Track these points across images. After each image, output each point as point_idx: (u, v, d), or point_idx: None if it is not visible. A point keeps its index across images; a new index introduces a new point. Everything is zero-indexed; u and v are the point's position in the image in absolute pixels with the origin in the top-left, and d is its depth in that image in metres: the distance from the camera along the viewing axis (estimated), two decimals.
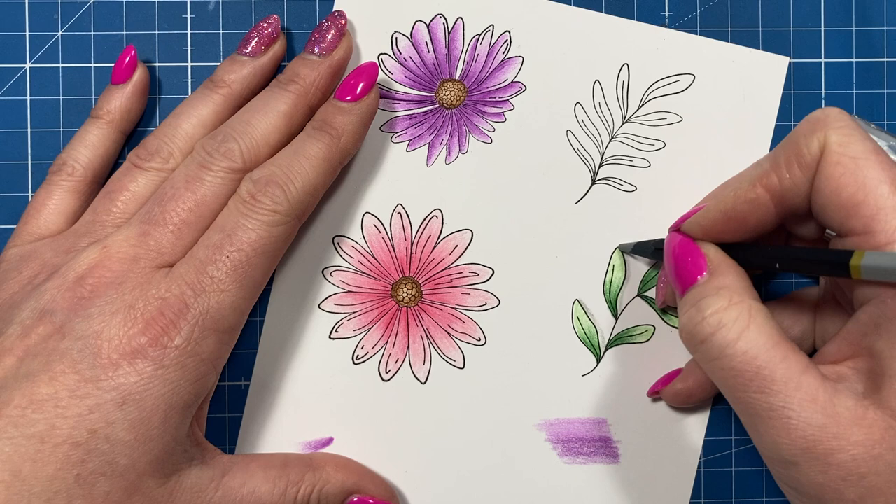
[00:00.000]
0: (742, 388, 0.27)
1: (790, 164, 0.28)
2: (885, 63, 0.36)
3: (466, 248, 0.36)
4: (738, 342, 0.27)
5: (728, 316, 0.28)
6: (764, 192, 0.29)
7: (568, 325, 0.36)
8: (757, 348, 0.27)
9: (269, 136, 0.32)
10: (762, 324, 0.27)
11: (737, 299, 0.28)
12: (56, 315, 0.29)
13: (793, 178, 0.28)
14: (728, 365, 0.27)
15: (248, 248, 0.30)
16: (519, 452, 0.36)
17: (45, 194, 0.33)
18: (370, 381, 0.36)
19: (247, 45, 0.34)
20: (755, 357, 0.27)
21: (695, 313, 0.29)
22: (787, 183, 0.28)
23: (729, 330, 0.27)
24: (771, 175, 0.29)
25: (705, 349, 0.28)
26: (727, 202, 0.30)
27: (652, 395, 0.35)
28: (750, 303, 0.28)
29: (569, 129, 0.36)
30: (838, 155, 0.27)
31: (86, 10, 0.36)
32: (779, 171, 0.29)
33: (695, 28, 0.36)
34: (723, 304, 0.28)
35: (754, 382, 0.27)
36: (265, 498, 0.31)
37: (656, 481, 0.36)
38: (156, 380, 0.28)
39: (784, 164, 0.28)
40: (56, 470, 0.27)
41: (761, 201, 0.29)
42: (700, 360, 0.29)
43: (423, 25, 0.36)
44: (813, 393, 0.26)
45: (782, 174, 0.28)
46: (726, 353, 0.27)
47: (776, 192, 0.29)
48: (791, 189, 0.28)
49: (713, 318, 0.28)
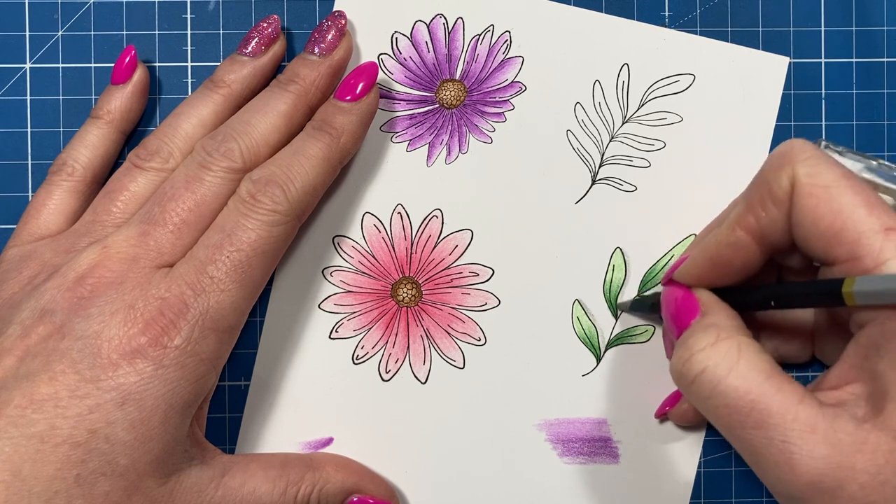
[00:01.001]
0: (739, 426, 0.27)
1: (764, 202, 0.28)
2: (885, 63, 0.36)
3: (466, 248, 0.36)
4: (728, 378, 0.27)
5: (716, 352, 0.27)
6: (744, 233, 0.29)
7: (568, 325, 0.36)
8: (749, 382, 0.26)
9: (269, 136, 0.32)
10: (752, 358, 0.27)
11: (725, 335, 0.28)
12: (56, 315, 0.29)
13: (769, 216, 0.28)
14: (721, 402, 0.27)
15: (248, 248, 0.30)
16: (519, 452, 0.36)
17: (45, 194, 0.33)
18: (370, 381, 0.36)
19: (247, 45, 0.34)
20: (748, 391, 0.26)
21: (683, 352, 0.28)
22: (765, 221, 0.28)
23: (718, 365, 0.27)
24: (748, 216, 0.29)
25: (696, 388, 0.28)
26: (710, 248, 0.30)
27: (660, 416, 0.35)
28: (739, 338, 0.28)
29: (569, 129, 0.36)
30: (809, 186, 0.27)
31: (86, 10, 0.36)
32: (754, 211, 0.28)
33: (695, 28, 0.36)
34: (710, 340, 0.28)
35: (750, 418, 0.26)
36: (265, 498, 0.31)
37: (656, 481, 0.36)
38: (156, 380, 0.28)
39: (758, 203, 0.28)
40: (56, 470, 0.27)
41: (743, 243, 0.29)
42: (693, 401, 0.28)
43: (423, 25, 0.36)
44: (812, 422, 0.26)
45: (758, 213, 0.28)
46: (718, 389, 0.27)
47: (756, 232, 0.29)
48: (769, 227, 0.28)
49: (701, 355, 0.27)
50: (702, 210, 0.36)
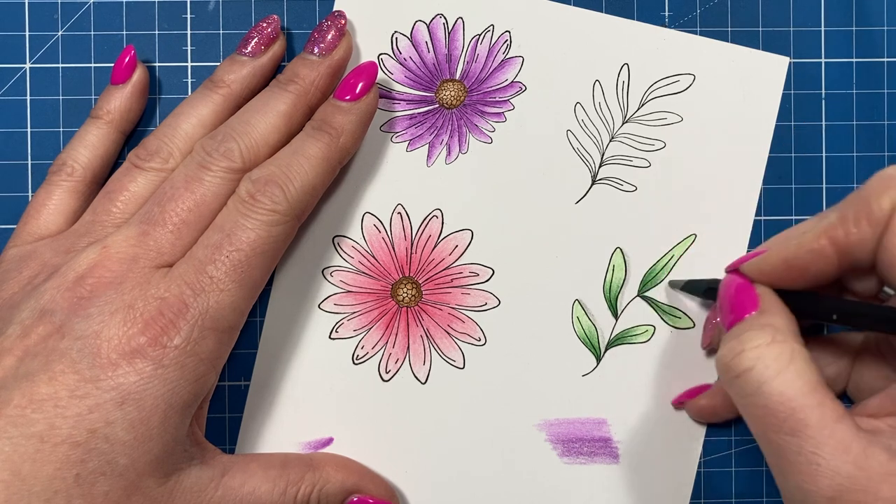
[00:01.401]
0: (774, 429, 0.27)
1: (859, 219, 0.28)
2: (885, 63, 0.36)
3: (466, 248, 0.36)
4: (774, 381, 0.27)
5: (769, 353, 0.27)
6: (829, 244, 0.29)
7: (568, 325, 0.36)
8: (794, 390, 0.27)
9: (269, 136, 0.32)
10: (802, 367, 0.27)
11: (780, 338, 0.28)
12: (56, 315, 0.29)
13: (860, 234, 0.28)
14: (762, 402, 0.27)
15: (248, 248, 0.30)
16: (519, 452, 0.36)
17: (45, 194, 0.33)
18: (370, 381, 0.36)
19: (246, 45, 0.34)
20: (791, 399, 0.27)
21: (735, 345, 0.28)
22: (854, 238, 0.28)
23: (767, 367, 0.27)
24: (838, 228, 0.29)
25: (741, 383, 0.28)
26: (790, 250, 0.30)
27: (676, 404, 0.35)
28: (793, 345, 0.28)
29: (569, 129, 0.36)
30: None
31: (86, 10, 0.36)
32: (846, 226, 0.28)
33: (695, 28, 0.36)
34: (765, 340, 0.28)
35: (787, 424, 0.26)
36: (265, 497, 0.31)
37: (656, 481, 0.36)
38: (155, 379, 0.28)
39: (852, 218, 0.28)
40: (56, 469, 0.27)
41: (825, 252, 0.29)
42: (734, 394, 0.29)
43: (423, 25, 0.36)
44: (847, 443, 0.26)
45: (849, 229, 0.28)
46: (762, 390, 0.27)
47: (842, 246, 0.29)
48: (857, 245, 0.28)
49: (753, 353, 0.28)
50: (702, 210, 0.36)
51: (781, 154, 0.36)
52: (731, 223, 0.36)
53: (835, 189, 0.36)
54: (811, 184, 0.36)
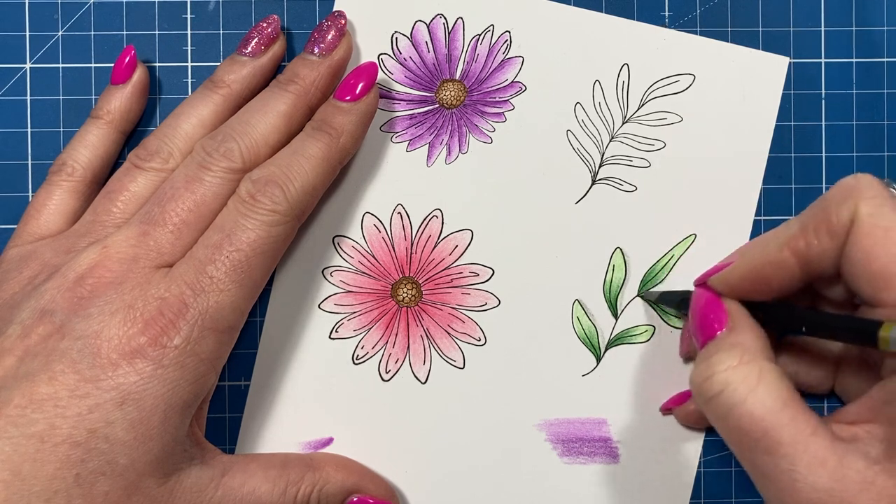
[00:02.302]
0: (749, 449, 0.27)
1: (819, 230, 0.28)
2: (885, 63, 0.36)
3: (466, 248, 0.36)
4: (744, 403, 0.27)
5: (737, 375, 0.27)
6: (790, 255, 0.29)
7: (568, 325, 0.36)
8: (764, 410, 0.27)
9: (269, 136, 0.32)
10: (771, 384, 0.27)
11: (747, 358, 0.28)
12: (56, 315, 0.29)
13: (821, 245, 0.28)
14: (735, 425, 0.27)
15: (248, 248, 0.30)
16: (519, 452, 0.36)
17: (45, 194, 0.33)
18: (370, 381, 0.36)
19: (247, 45, 0.34)
20: (762, 419, 0.27)
21: (704, 368, 0.28)
22: (816, 249, 0.28)
23: (736, 390, 0.27)
24: (799, 239, 0.29)
25: (713, 406, 0.28)
26: (754, 262, 0.30)
27: (664, 411, 0.35)
28: (761, 363, 0.28)
29: (569, 129, 0.36)
30: (869, 225, 0.27)
31: (86, 10, 0.36)
32: (807, 237, 0.28)
33: (695, 28, 0.36)
34: (733, 362, 0.28)
35: (761, 443, 0.27)
36: (265, 498, 0.31)
37: (656, 481, 0.36)
38: (155, 379, 0.28)
39: (813, 229, 0.28)
40: (56, 469, 0.27)
41: (787, 264, 0.29)
42: (708, 416, 0.29)
43: (423, 25, 0.36)
44: (822, 456, 0.26)
45: (810, 240, 0.28)
46: (733, 412, 0.27)
47: (803, 257, 0.29)
48: (819, 255, 0.28)
49: (721, 376, 0.28)
50: (702, 210, 0.36)
51: (781, 154, 0.36)
52: (731, 223, 0.36)
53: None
54: (811, 184, 0.36)
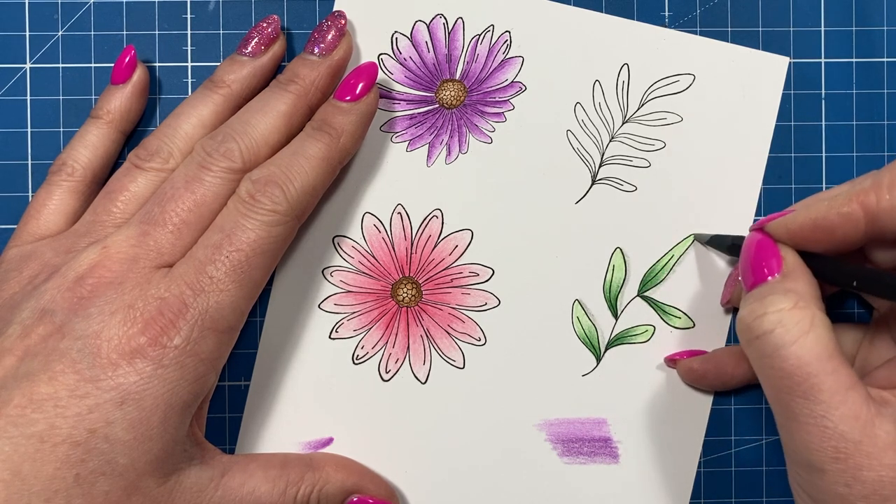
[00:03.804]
0: (787, 391, 0.27)
1: (893, 186, 0.28)
2: (885, 63, 0.36)
3: (466, 248, 0.36)
4: (793, 345, 0.27)
5: (791, 317, 0.28)
6: (859, 208, 0.29)
7: (568, 325, 0.36)
8: (811, 356, 0.27)
9: (269, 136, 0.32)
10: (821, 334, 0.27)
11: (802, 304, 0.28)
12: (56, 315, 0.29)
13: (892, 201, 0.28)
14: (779, 365, 0.27)
15: (248, 248, 0.30)
16: (519, 452, 0.36)
17: (45, 194, 0.33)
18: (370, 381, 0.36)
19: (247, 45, 0.34)
20: (807, 364, 0.27)
21: (757, 307, 0.28)
22: (885, 205, 0.28)
23: (787, 331, 0.27)
24: (870, 193, 0.28)
25: (759, 344, 0.28)
26: (819, 211, 0.29)
27: (668, 361, 0.36)
28: (814, 311, 0.28)
29: (569, 129, 0.36)
30: None
31: (86, 10, 0.36)
32: (879, 192, 0.28)
33: (695, 28, 0.36)
34: (788, 304, 0.28)
35: (801, 387, 0.27)
36: (265, 498, 0.31)
37: (656, 481, 0.36)
38: (155, 379, 0.28)
39: (886, 185, 0.28)
40: (55, 469, 0.27)
41: (854, 216, 0.29)
42: (751, 355, 0.29)
43: (423, 25, 0.36)
44: (856, 410, 0.26)
45: (882, 195, 0.28)
46: (780, 353, 0.27)
47: (871, 212, 0.28)
48: (887, 212, 0.28)
49: (775, 316, 0.28)
50: (702, 210, 0.36)
51: (781, 154, 0.36)
52: (731, 223, 0.36)
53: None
54: (811, 184, 0.36)
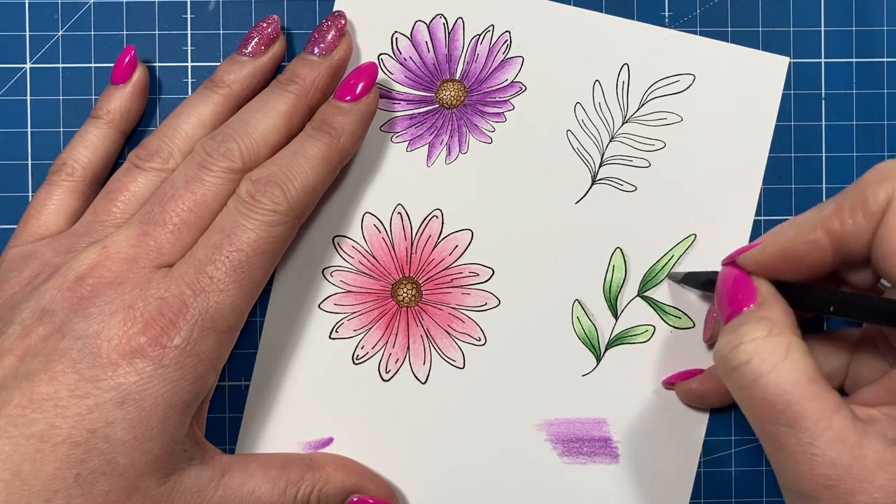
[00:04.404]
0: (770, 421, 0.27)
1: (854, 210, 0.28)
2: (885, 63, 0.36)
3: (466, 248, 0.36)
4: (771, 374, 0.27)
5: (766, 346, 0.27)
6: (824, 235, 0.29)
7: (568, 325, 0.36)
8: (790, 383, 0.27)
9: (269, 136, 0.32)
10: (798, 359, 0.27)
11: (777, 331, 0.28)
12: (56, 315, 0.29)
13: (855, 226, 0.28)
14: (759, 395, 0.27)
15: (248, 248, 0.30)
16: (519, 452, 0.36)
17: (45, 194, 0.33)
18: (370, 381, 0.36)
19: (247, 45, 0.34)
20: (787, 391, 0.27)
21: (732, 338, 0.28)
22: (850, 229, 0.28)
23: (764, 360, 0.27)
24: (833, 219, 0.28)
25: (737, 376, 0.28)
26: (786, 241, 0.30)
27: (666, 384, 0.36)
28: (790, 337, 0.28)
29: (569, 129, 0.36)
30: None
31: (86, 10, 0.36)
32: (841, 217, 0.28)
33: (695, 28, 0.36)
34: (762, 333, 0.28)
35: (784, 416, 0.27)
36: (265, 498, 0.31)
37: (656, 481, 0.36)
38: (155, 379, 0.28)
39: (848, 210, 0.28)
40: (56, 469, 0.27)
41: (820, 244, 0.29)
42: (731, 387, 0.29)
43: (423, 25, 0.36)
44: (842, 433, 0.26)
45: (845, 220, 0.28)
46: (759, 382, 0.27)
47: (837, 238, 0.29)
48: (852, 236, 0.28)
49: (750, 346, 0.28)
50: (702, 210, 0.36)
51: (781, 154, 0.36)
52: (731, 223, 0.36)
53: (835, 189, 0.36)
54: (811, 184, 0.36)
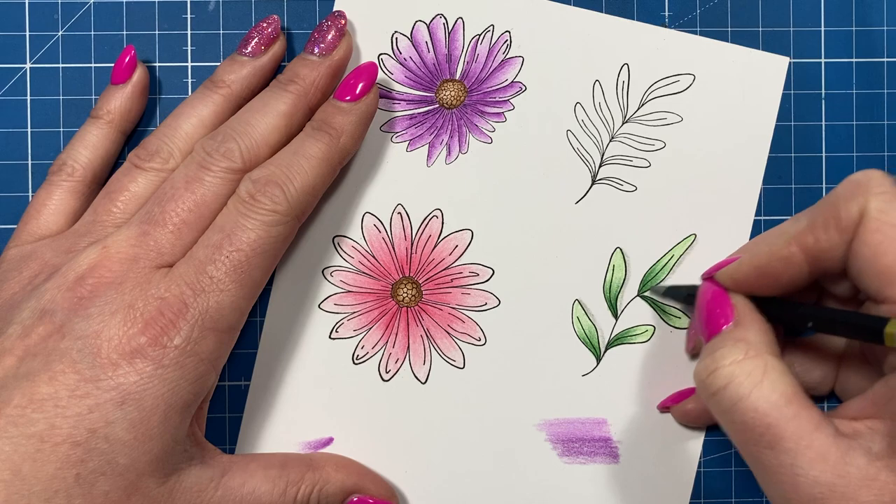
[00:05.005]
0: (752, 443, 0.27)
1: (827, 226, 0.28)
2: (885, 63, 0.36)
3: (466, 248, 0.36)
4: (749, 397, 0.27)
5: (742, 369, 0.27)
6: (798, 250, 0.29)
7: (568, 325, 0.36)
8: (768, 405, 0.27)
9: (269, 136, 0.32)
10: (776, 380, 0.27)
11: (753, 353, 0.28)
12: (56, 315, 0.29)
13: (829, 240, 0.28)
14: (739, 419, 0.27)
15: (248, 248, 0.30)
16: (519, 452, 0.36)
17: (45, 194, 0.33)
18: (370, 381, 0.36)
19: (247, 45, 0.34)
20: (766, 414, 0.27)
21: (710, 362, 0.28)
22: (824, 244, 0.28)
23: (741, 384, 0.27)
24: (807, 235, 0.29)
25: (717, 400, 0.28)
26: (761, 257, 0.30)
27: (662, 409, 0.35)
28: (766, 358, 0.28)
29: (569, 129, 0.36)
30: (878, 222, 0.27)
31: (86, 10, 0.36)
32: (815, 232, 0.28)
33: (695, 28, 0.36)
34: (738, 356, 0.28)
35: (764, 438, 0.27)
36: (265, 498, 0.31)
37: (656, 481, 0.36)
38: (155, 379, 0.28)
39: (821, 225, 0.28)
40: (56, 469, 0.27)
41: (795, 260, 0.29)
42: (712, 410, 0.29)
43: (423, 25, 0.36)
44: (824, 451, 0.26)
45: (819, 235, 0.28)
46: (738, 407, 0.27)
47: (811, 252, 0.29)
48: (827, 251, 0.28)
49: (726, 370, 0.28)
50: (702, 210, 0.36)
51: (781, 154, 0.36)
52: (731, 223, 0.36)
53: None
54: (811, 184, 0.36)
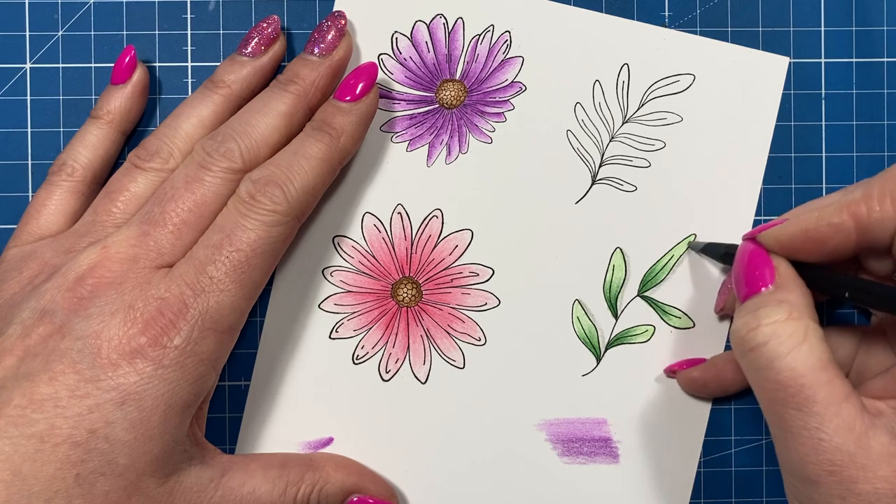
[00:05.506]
0: (781, 402, 0.27)
1: (883, 197, 0.28)
2: (885, 63, 0.36)
3: (466, 248, 0.36)
4: (787, 357, 0.27)
5: (784, 329, 0.28)
6: (850, 218, 0.29)
7: (568, 325, 0.36)
8: (805, 367, 0.27)
9: (269, 136, 0.32)
10: (815, 345, 0.27)
11: (796, 315, 0.28)
12: (56, 315, 0.29)
13: (882, 212, 0.28)
14: (773, 377, 0.28)
15: (248, 249, 0.30)
16: (519, 452, 0.36)
17: (45, 195, 0.33)
18: (370, 381, 0.36)
19: (247, 45, 0.34)
20: (802, 375, 0.27)
21: (751, 319, 0.29)
22: (876, 216, 0.28)
23: (781, 343, 0.27)
24: (861, 204, 0.28)
25: (753, 356, 0.28)
26: (810, 221, 0.30)
27: (668, 372, 0.36)
28: (808, 322, 0.28)
29: (569, 129, 0.36)
30: None
31: (86, 10, 0.36)
32: (869, 202, 0.28)
33: (695, 28, 0.36)
34: (781, 316, 0.28)
35: (795, 399, 0.27)
36: (265, 498, 0.31)
37: (656, 481, 0.36)
38: (155, 379, 0.28)
39: (877, 196, 0.28)
40: (56, 469, 0.27)
41: (845, 227, 0.29)
42: (745, 367, 0.29)
43: (423, 25, 0.36)
44: (850, 422, 0.27)
45: (873, 206, 0.28)
46: (774, 365, 0.27)
47: (862, 222, 0.28)
48: (878, 223, 0.28)
49: (768, 329, 0.28)
50: (702, 210, 0.36)
51: (781, 154, 0.36)
52: (731, 223, 0.36)
53: (835, 189, 0.36)
54: (811, 184, 0.36)
